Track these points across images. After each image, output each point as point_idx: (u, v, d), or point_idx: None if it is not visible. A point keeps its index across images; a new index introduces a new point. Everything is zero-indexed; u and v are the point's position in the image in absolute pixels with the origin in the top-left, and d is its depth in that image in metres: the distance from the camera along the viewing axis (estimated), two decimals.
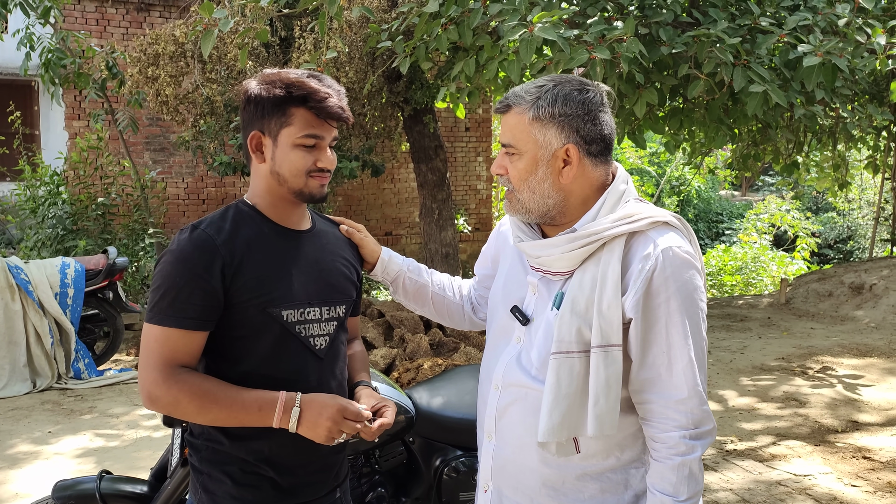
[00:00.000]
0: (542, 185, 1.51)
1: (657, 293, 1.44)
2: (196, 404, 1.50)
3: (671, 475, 1.44)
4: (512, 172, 1.53)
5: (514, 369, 1.57)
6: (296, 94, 1.54)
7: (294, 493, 1.63)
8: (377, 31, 5.32)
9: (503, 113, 1.54)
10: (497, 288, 1.69)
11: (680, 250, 1.46)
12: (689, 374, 1.45)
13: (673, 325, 1.44)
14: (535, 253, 1.55)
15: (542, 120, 1.48)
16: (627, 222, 1.48)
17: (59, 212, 8.14)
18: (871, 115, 5.99)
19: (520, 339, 1.59)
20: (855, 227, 17.66)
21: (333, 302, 1.68)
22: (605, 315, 1.44)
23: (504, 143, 1.54)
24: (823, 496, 3.66)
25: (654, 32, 5.01)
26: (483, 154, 12.72)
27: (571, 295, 1.48)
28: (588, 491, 1.52)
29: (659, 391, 1.46)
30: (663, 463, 1.45)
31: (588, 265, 1.49)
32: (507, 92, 1.56)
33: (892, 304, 7.97)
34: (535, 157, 1.50)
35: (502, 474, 1.59)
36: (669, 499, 1.44)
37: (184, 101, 7.16)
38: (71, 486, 2.36)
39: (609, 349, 1.44)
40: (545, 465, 1.53)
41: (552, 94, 1.48)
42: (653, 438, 1.48)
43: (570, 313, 1.46)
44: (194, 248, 1.52)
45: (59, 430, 4.79)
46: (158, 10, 9.89)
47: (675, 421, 1.45)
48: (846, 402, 5.18)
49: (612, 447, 1.52)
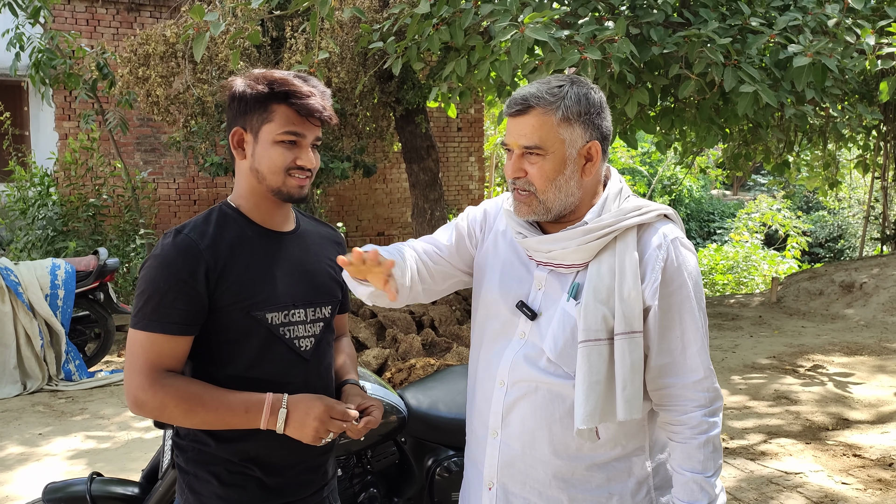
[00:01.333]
0: (568, 183, 1.55)
1: (671, 280, 1.52)
2: (183, 408, 1.50)
3: (698, 454, 1.52)
4: (536, 174, 1.53)
5: (521, 365, 1.58)
6: (278, 90, 1.55)
7: (281, 493, 1.64)
8: (369, 32, 5.32)
9: (523, 114, 1.53)
10: (492, 285, 1.67)
11: (684, 240, 1.57)
12: (704, 355, 1.55)
13: (686, 310, 1.54)
14: (546, 248, 1.57)
15: (570, 119, 1.52)
16: (638, 214, 1.55)
17: (49, 213, 8.10)
18: (860, 115, 6.02)
19: (524, 334, 1.60)
20: (845, 226, 17.76)
21: (318, 303, 1.68)
22: (627, 302, 1.50)
23: (528, 146, 1.52)
24: (814, 494, 3.67)
25: (644, 33, 5.02)
26: (475, 154, 12.72)
27: (592, 284, 1.52)
28: (595, 480, 1.56)
29: (676, 375, 1.54)
30: (688, 443, 1.53)
31: (603, 256, 1.54)
32: (520, 93, 1.55)
33: (882, 303, 8.02)
34: (563, 157, 1.53)
35: (510, 470, 1.60)
36: (700, 476, 1.52)
37: (175, 102, 7.13)
38: (61, 489, 2.35)
39: (633, 335, 1.50)
40: (556, 457, 1.55)
41: (574, 93, 1.53)
42: (672, 422, 1.55)
43: (594, 302, 1.50)
44: (178, 253, 1.52)
45: (49, 432, 4.77)
46: (149, 11, 9.85)
47: (695, 401, 1.54)
48: (837, 400, 5.21)
49: (620, 436, 1.56)
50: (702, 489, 1.52)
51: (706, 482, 1.52)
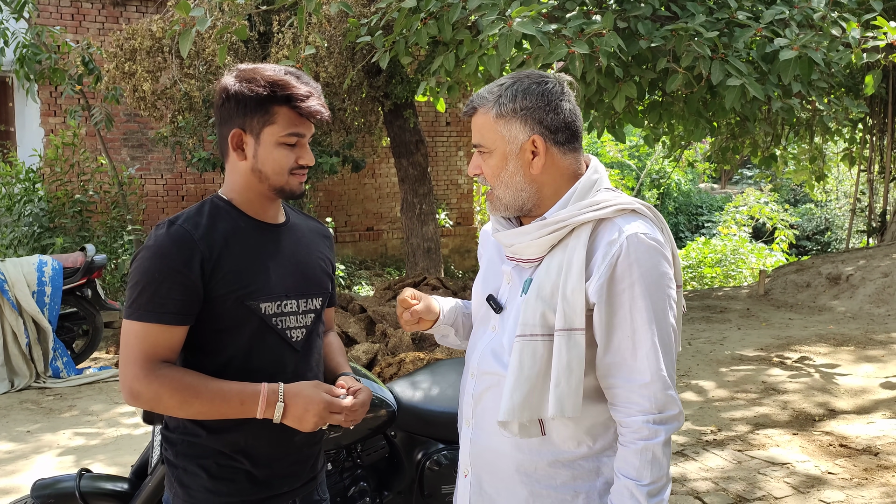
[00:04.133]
0: (514, 178, 1.56)
1: (621, 278, 1.47)
2: (178, 398, 1.50)
3: (634, 459, 1.46)
4: (486, 171, 1.59)
5: (487, 357, 1.62)
6: (280, 93, 1.55)
7: (270, 485, 1.64)
8: (356, 26, 5.31)
9: (471, 116, 1.60)
10: (478, 280, 1.75)
11: (646, 237, 1.49)
12: (653, 359, 1.47)
13: (637, 310, 1.47)
14: (509, 241, 1.60)
15: (506, 116, 1.54)
16: (594, 209, 1.52)
17: (35, 209, 8.05)
18: (846, 108, 6.07)
19: (495, 327, 1.64)
20: (832, 219, 17.87)
21: (310, 294, 1.70)
22: (569, 299, 1.48)
23: (475, 144, 1.60)
24: (801, 483, 3.71)
25: (632, 26, 5.03)
26: (464, 149, 12.72)
27: (538, 280, 1.52)
28: (560, 478, 1.55)
29: (624, 375, 1.49)
30: (627, 447, 1.48)
31: (556, 251, 1.53)
32: (472, 95, 1.62)
33: (868, 295, 8.09)
34: (504, 153, 1.56)
35: (480, 460, 1.63)
36: (632, 482, 1.46)
37: (161, 97, 7.09)
38: (50, 485, 2.34)
39: (572, 332, 1.48)
40: (518, 450, 1.56)
41: (512, 90, 1.54)
42: (619, 423, 1.51)
43: (535, 298, 1.51)
44: (173, 244, 1.53)
45: (38, 429, 4.74)
46: (135, 5, 9.78)
47: (638, 405, 1.47)
48: (823, 391, 5.25)
49: (583, 435, 1.54)
50: (632, 496, 1.45)
51: (638, 490, 1.44)
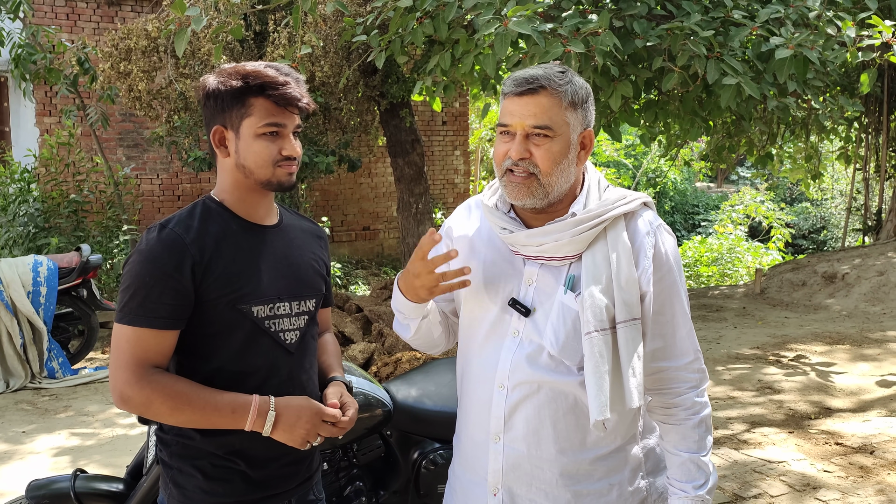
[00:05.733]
0: (569, 168, 1.54)
1: (660, 266, 1.55)
2: (169, 405, 1.50)
3: (693, 434, 1.57)
4: (543, 155, 1.50)
5: (523, 366, 1.54)
6: (253, 83, 1.54)
7: (265, 486, 1.64)
8: (352, 26, 5.30)
9: (532, 94, 1.49)
10: (477, 287, 1.61)
11: (665, 226, 1.61)
12: (692, 337, 1.60)
13: (675, 294, 1.57)
14: (537, 241, 1.54)
15: (576, 104, 1.52)
16: (624, 203, 1.56)
17: (30, 209, 8.03)
18: (842, 107, 6.08)
19: (517, 332, 1.56)
20: (828, 218, 17.92)
21: (303, 296, 1.68)
22: (626, 290, 1.51)
23: (538, 125, 1.49)
24: (797, 482, 3.72)
25: (628, 25, 5.03)
26: (460, 148, 12.71)
27: (591, 274, 1.51)
28: (598, 473, 1.57)
29: (669, 358, 1.57)
30: (683, 424, 1.57)
31: (596, 246, 1.54)
32: (527, 73, 1.51)
33: (864, 293, 8.10)
34: (568, 140, 1.52)
35: (516, 473, 1.56)
36: (696, 455, 1.57)
37: (157, 97, 7.08)
38: (45, 486, 2.33)
39: (634, 322, 1.51)
40: (562, 454, 1.55)
41: (577, 80, 1.54)
42: (666, 405, 1.59)
43: (598, 292, 1.49)
44: (163, 248, 1.52)
45: (33, 430, 4.73)
46: (130, 5, 9.76)
47: (687, 383, 1.58)
48: (819, 389, 5.26)
49: (620, 426, 1.58)
50: (699, 468, 1.57)
51: (702, 461, 1.57)
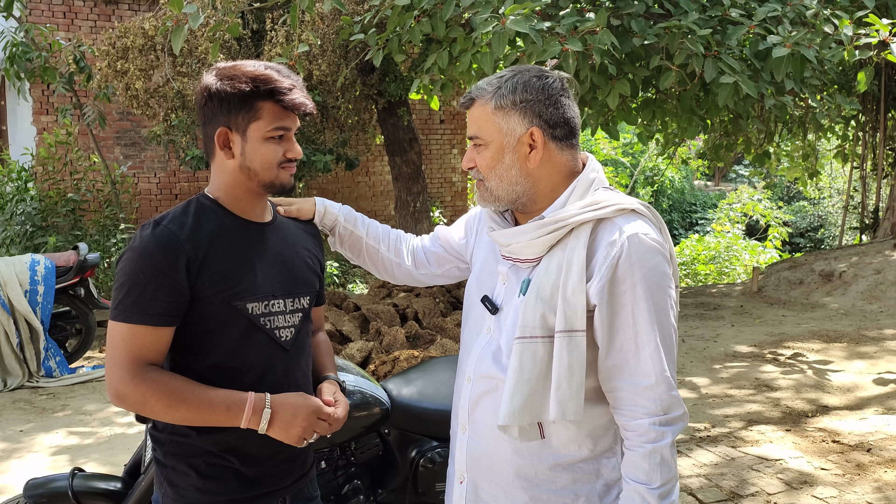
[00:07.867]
0: (509, 172, 1.54)
1: (623, 279, 1.44)
2: (164, 403, 1.50)
3: (643, 463, 1.44)
4: (480, 163, 1.56)
5: (485, 361, 1.58)
6: (263, 88, 1.55)
7: (260, 484, 1.64)
8: (350, 24, 5.30)
9: (468, 107, 1.58)
10: (472, 280, 1.71)
11: (646, 237, 1.47)
12: (657, 360, 1.44)
13: (639, 311, 1.44)
14: (505, 241, 1.57)
15: (505, 108, 1.52)
16: (594, 209, 1.49)
17: (27, 208, 8.01)
18: (839, 105, 6.09)
19: (489, 329, 1.60)
20: (825, 216, 17.94)
21: (298, 293, 1.69)
22: (570, 300, 1.45)
23: (471, 136, 1.58)
24: (794, 479, 3.72)
25: (625, 24, 5.03)
26: (458, 146, 12.72)
27: (537, 281, 1.49)
28: (560, 481, 1.53)
29: (627, 378, 1.46)
30: (635, 451, 1.46)
31: (555, 251, 1.50)
32: (471, 87, 1.60)
33: (861, 291, 8.12)
34: (500, 145, 1.53)
35: (477, 466, 1.60)
36: (643, 486, 1.44)
37: (154, 95, 7.06)
38: (43, 485, 2.33)
39: (573, 334, 1.45)
40: (518, 455, 1.54)
41: (512, 82, 1.52)
42: (624, 427, 1.48)
43: (535, 299, 1.48)
44: (158, 245, 1.52)
45: (31, 429, 4.73)
46: (127, 3, 9.73)
47: (644, 408, 1.45)
48: (816, 387, 5.27)
49: (584, 438, 1.52)
50: (644, 500, 1.44)
51: (649, 494, 1.43)
